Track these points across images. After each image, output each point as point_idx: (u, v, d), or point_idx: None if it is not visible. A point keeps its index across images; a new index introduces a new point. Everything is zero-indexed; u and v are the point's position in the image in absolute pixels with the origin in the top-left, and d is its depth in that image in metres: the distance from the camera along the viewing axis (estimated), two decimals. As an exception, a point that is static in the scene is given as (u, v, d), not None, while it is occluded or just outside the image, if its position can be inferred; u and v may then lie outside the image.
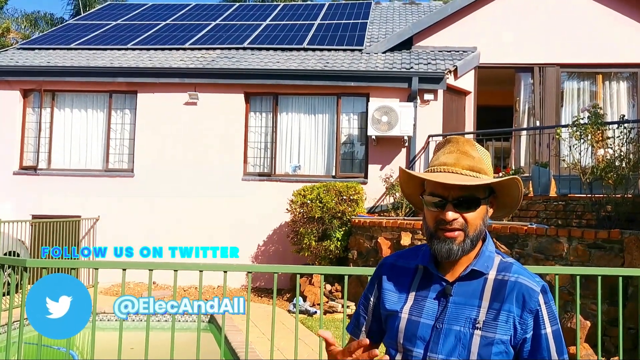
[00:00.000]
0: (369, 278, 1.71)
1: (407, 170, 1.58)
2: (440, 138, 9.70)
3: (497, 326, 1.43)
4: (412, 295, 1.55)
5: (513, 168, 10.00)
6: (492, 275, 1.50)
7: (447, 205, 1.47)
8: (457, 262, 1.51)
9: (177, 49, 11.72)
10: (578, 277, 3.58)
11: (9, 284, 7.79)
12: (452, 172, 1.48)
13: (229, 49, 11.66)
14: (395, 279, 1.60)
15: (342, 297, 7.79)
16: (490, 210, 1.57)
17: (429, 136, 9.86)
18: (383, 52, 11.09)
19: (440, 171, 1.50)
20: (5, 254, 8.28)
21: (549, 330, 1.46)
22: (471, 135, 10.20)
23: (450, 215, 1.46)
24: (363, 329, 1.67)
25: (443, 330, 1.46)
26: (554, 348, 1.46)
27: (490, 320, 1.44)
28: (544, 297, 1.47)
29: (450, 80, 10.11)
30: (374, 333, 1.65)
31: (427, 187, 1.53)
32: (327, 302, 8.07)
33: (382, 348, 1.62)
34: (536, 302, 1.45)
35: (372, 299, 1.66)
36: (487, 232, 1.57)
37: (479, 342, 1.43)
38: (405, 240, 7.48)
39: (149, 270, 3.48)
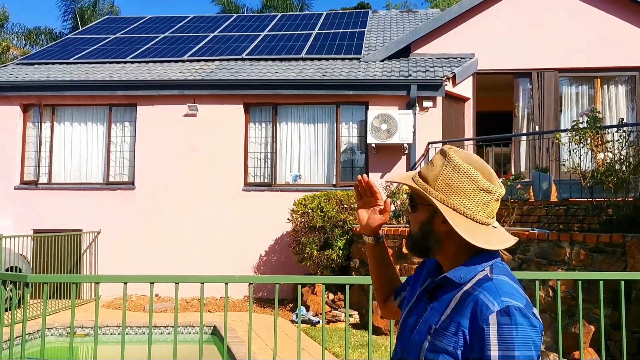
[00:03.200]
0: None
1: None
2: (440, 145, 9.71)
3: (444, 335, 1.42)
4: (417, 292, 1.63)
5: (513, 174, 10.00)
6: (466, 287, 1.47)
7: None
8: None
9: (176, 61, 11.76)
10: (580, 282, 3.57)
11: (11, 299, 7.77)
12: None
13: (228, 60, 11.70)
14: (417, 275, 1.71)
15: (345, 306, 7.77)
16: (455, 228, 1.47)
17: (429, 143, 9.87)
18: (381, 61, 11.13)
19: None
20: (7, 269, 8.28)
21: (494, 353, 1.33)
22: (470, 142, 10.22)
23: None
24: (402, 293, 1.84)
25: (416, 330, 1.51)
26: None
27: (440, 329, 1.44)
28: (499, 318, 1.35)
29: (448, 87, 10.13)
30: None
31: None
32: (330, 311, 8.04)
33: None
34: (485, 321, 1.36)
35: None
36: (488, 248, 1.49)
37: (427, 348, 1.45)
38: (407, 247, 7.46)
39: (150, 283, 3.47)
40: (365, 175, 1.82)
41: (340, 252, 8.70)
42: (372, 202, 1.83)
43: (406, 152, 9.92)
